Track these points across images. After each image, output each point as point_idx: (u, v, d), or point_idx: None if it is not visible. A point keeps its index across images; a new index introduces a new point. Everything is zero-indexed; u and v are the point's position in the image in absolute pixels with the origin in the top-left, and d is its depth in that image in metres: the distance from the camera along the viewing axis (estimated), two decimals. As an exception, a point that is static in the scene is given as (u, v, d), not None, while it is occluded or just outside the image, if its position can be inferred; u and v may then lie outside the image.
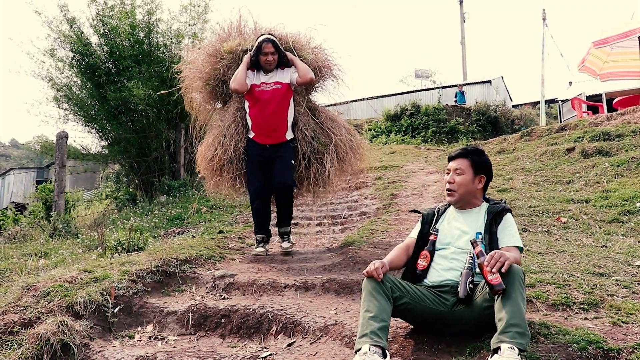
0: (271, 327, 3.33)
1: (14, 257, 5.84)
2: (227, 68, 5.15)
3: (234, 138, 5.04)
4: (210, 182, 5.32)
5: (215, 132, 5.25)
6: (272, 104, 4.89)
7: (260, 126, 4.94)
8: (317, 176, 5.23)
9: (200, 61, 5.38)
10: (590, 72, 14.94)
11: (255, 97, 4.91)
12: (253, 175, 4.99)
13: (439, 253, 2.97)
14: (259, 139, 4.98)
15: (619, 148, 7.86)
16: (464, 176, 3.01)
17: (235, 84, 4.81)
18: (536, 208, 5.84)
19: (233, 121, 5.11)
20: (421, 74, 34.28)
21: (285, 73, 4.98)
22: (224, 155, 5.05)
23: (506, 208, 2.99)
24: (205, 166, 5.24)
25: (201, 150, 5.34)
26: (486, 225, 2.91)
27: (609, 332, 2.66)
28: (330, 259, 4.85)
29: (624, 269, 3.76)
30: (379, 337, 2.46)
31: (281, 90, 4.92)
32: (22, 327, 3.11)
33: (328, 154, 5.18)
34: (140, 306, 3.68)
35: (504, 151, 10.36)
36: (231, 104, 5.28)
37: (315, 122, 5.28)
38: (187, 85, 5.62)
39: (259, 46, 4.86)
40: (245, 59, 4.92)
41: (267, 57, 4.86)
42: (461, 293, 2.69)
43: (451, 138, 19.67)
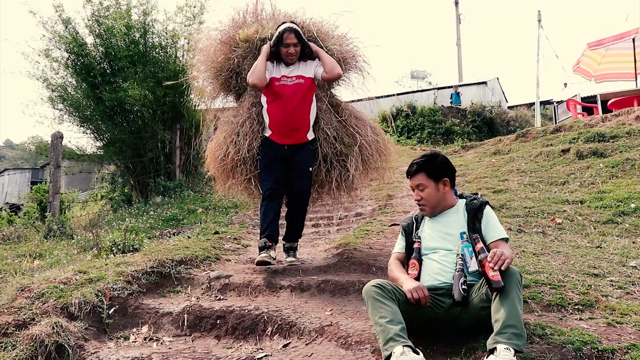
0: (267, 328, 3.33)
1: (8, 258, 5.82)
2: (243, 58, 4.63)
3: (249, 136, 4.54)
4: (222, 183, 4.88)
5: (227, 128, 4.76)
6: (294, 100, 4.37)
7: (279, 125, 4.44)
8: (340, 181, 4.76)
9: (212, 50, 4.85)
10: (584, 74, 15.02)
11: (275, 92, 4.40)
12: (267, 173, 4.50)
13: (428, 257, 2.98)
14: (277, 139, 4.47)
15: (613, 149, 7.88)
16: (427, 190, 3.05)
17: (253, 77, 4.28)
18: (531, 209, 5.86)
19: (248, 118, 4.62)
20: (417, 75, 34.29)
21: (309, 66, 4.47)
22: (237, 155, 4.57)
23: (483, 202, 3.03)
24: (216, 166, 4.80)
25: (211, 148, 4.87)
26: (468, 223, 2.95)
27: (604, 333, 2.67)
28: (326, 259, 4.85)
29: (619, 270, 3.78)
30: (403, 337, 2.45)
31: (304, 86, 4.41)
32: (17, 329, 3.10)
33: (352, 157, 4.69)
34: (135, 307, 3.67)
35: (499, 152, 10.40)
36: (245, 98, 4.78)
37: (338, 120, 4.78)
38: (196, 77, 5.22)
39: (280, 36, 4.32)
40: (265, 49, 4.40)
41: (289, 49, 4.35)
42: (456, 296, 2.70)
43: (447, 139, 19.68)
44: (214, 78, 4.91)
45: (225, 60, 4.70)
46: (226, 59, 4.70)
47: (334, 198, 5.05)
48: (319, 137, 4.65)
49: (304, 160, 4.53)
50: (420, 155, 3.20)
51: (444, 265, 2.89)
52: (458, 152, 12.27)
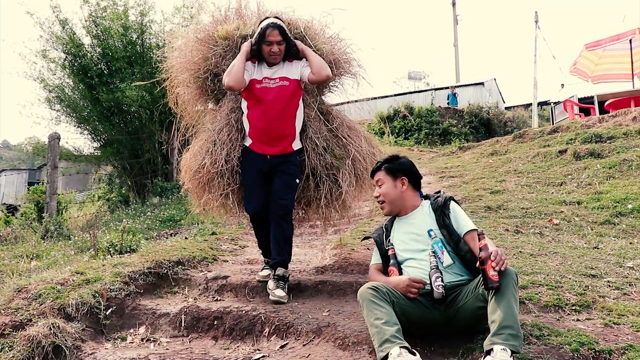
0: (264, 329, 3.32)
1: (5, 258, 5.81)
2: (222, 57, 4.12)
3: (226, 146, 4.01)
4: (196, 198, 4.33)
5: (203, 137, 4.24)
6: (277, 105, 3.87)
7: (261, 132, 3.92)
8: (329, 198, 4.20)
9: (188, 48, 4.30)
10: (581, 75, 15.05)
11: (255, 95, 3.89)
12: (251, 191, 3.99)
13: (406, 263, 2.98)
14: (258, 148, 3.96)
15: (610, 150, 7.90)
16: (384, 185, 3.13)
17: (229, 79, 3.75)
18: (528, 210, 5.86)
19: (226, 124, 4.09)
20: (414, 76, 34.25)
21: (294, 67, 3.97)
22: (214, 166, 4.02)
23: (447, 197, 3.07)
24: (191, 179, 4.22)
25: (187, 159, 4.30)
26: (437, 220, 2.98)
27: (601, 334, 2.67)
28: (323, 260, 4.85)
29: (616, 271, 3.78)
30: (399, 338, 2.46)
31: (289, 89, 3.91)
32: (14, 330, 3.10)
33: (344, 170, 4.16)
34: (132, 308, 3.66)
35: (496, 153, 10.41)
36: (224, 102, 4.25)
37: (328, 129, 4.25)
38: (173, 78, 4.54)
39: (262, 33, 3.81)
40: (245, 47, 3.87)
41: (272, 47, 3.84)
42: (435, 294, 2.72)
43: (444, 140, 19.70)
44: (191, 80, 4.35)
45: (203, 60, 4.20)
46: (204, 59, 4.20)
47: (324, 217, 4.50)
48: (306, 147, 4.13)
49: (291, 169, 3.98)
50: (385, 156, 3.32)
51: (423, 268, 2.88)
52: (455, 153, 12.28)
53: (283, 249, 3.92)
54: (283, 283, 3.83)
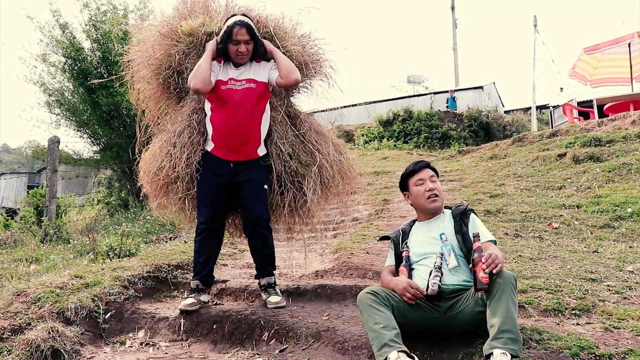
0: (263, 333, 3.32)
1: (4, 262, 5.80)
2: (185, 55, 3.86)
3: (187, 149, 3.77)
4: (154, 202, 4.06)
5: (163, 137, 3.99)
6: (243, 108, 3.65)
7: (224, 137, 3.69)
8: (293, 205, 3.97)
9: (150, 42, 3.99)
10: (580, 79, 15.07)
11: (220, 97, 3.66)
12: (205, 201, 3.74)
13: (420, 263, 2.99)
14: (221, 154, 3.72)
15: (610, 154, 7.90)
16: (438, 183, 3.17)
17: (196, 80, 3.53)
18: (528, 213, 5.86)
19: (187, 126, 3.85)
20: (413, 80, 34.33)
21: (262, 68, 3.76)
22: (172, 170, 3.79)
23: (469, 208, 3.09)
24: (149, 181, 3.98)
25: (145, 160, 4.07)
26: (455, 227, 2.99)
27: (601, 338, 2.67)
28: (323, 264, 4.84)
29: (616, 275, 3.78)
30: (397, 343, 2.47)
31: (255, 91, 3.69)
32: (12, 334, 3.09)
33: (310, 178, 3.93)
34: (131, 312, 3.66)
35: (496, 157, 10.41)
36: (186, 102, 4.01)
37: (295, 134, 4.02)
38: (134, 73, 4.24)
39: (228, 31, 3.59)
40: (210, 46, 3.67)
41: (239, 47, 3.62)
42: (429, 291, 2.75)
43: (443, 144, 19.73)
44: (152, 77, 4.06)
45: (166, 56, 3.91)
46: (166, 55, 3.91)
47: (287, 226, 4.28)
48: (271, 152, 3.90)
49: (257, 176, 3.78)
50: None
51: (431, 267, 2.90)
52: (455, 157, 12.29)
53: (266, 262, 3.82)
54: (273, 289, 3.77)
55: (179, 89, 4.05)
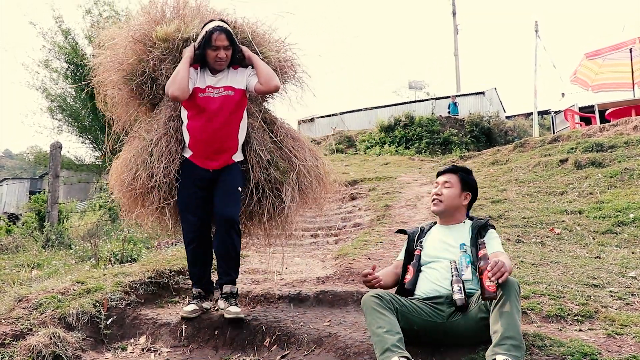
0: (265, 339, 3.32)
1: (6, 268, 5.81)
2: (160, 61, 3.71)
3: (165, 158, 3.65)
4: (129, 213, 3.94)
5: (137, 145, 3.83)
6: (221, 116, 3.58)
7: (202, 144, 3.62)
8: (272, 212, 3.89)
9: (122, 47, 3.83)
10: (582, 84, 15.08)
11: (197, 105, 3.58)
12: (188, 208, 3.65)
13: (428, 266, 3.00)
14: (199, 161, 3.65)
15: (612, 159, 7.90)
16: (451, 189, 3.11)
17: (174, 88, 3.42)
18: (530, 219, 5.86)
19: (164, 134, 3.72)
20: (415, 86, 34.34)
21: (240, 75, 3.68)
22: (149, 180, 3.65)
23: (489, 223, 3.07)
24: (123, 192, 3.82)
25: (116, 168, 3.91)
26: (472, 238, 2.97)
27: (604, 344, 2.66)
28: (324, 270, 4.84)
29: (618, 280, 3.77)
30: (401, 349, 2.46)
31: (233, 99, 3.61)
32: (14, 339, 3.09)
33: (288, 185, 3.87)
34: (133, 318, 3.66)
35: (497, 162, 10.40)
36: (161, 110, 3.88)
37: (272, 140, 3.95)
38: (103, 78, 4.05)
39: (207, 36, 3.50)
40: (188, 53, 3.56)
41: (219, 53, 3.53)
42: (459, 302, 2.70)
43: (445, 149, 19.71)
44: (123, 83, 3.91)
45: (138, 61, 3.77)
46: (139, 61, 3.77)
47: (265, 232, 4.15)
48: (250, 160, 3.83)
49: (231, 178, 3.68)
50: (459, 165, 3.34)
51: (442, 274, 2.90)
52: (456, 163, 12.28)
53: (230, 267, 3.66)
54: (234, 299, 3.61)
55: (153, 95, 3.89)
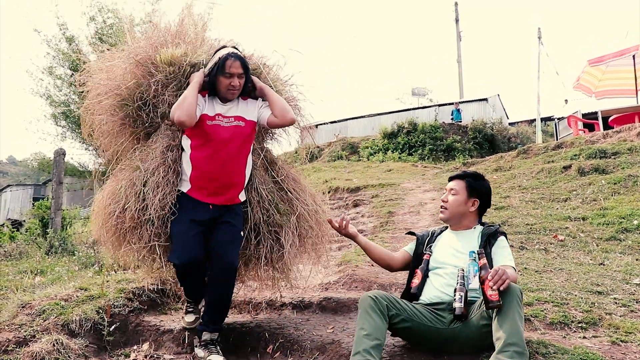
0: (268, 346, 3.31)
1: (9, 274, 5.81)
2: (163, 86, 3.44)
3: (162, 189, 3.32)
4: (112, 249, 3.59)
5: (127, 176, 3.48)
6: (231, 147, 3.32)
7: (206, 177, 3.31)
8: (269, 257, 3.60)
9: (120, 70, 3.58)
10: (585, 90, 15.08)
11: (205, 133, 3.29)
12: (183, 243, 3.23)
13: (435, 272, 2.99)
14: (200, 196, 3.33)
15: (615, 166, 7.89)
16: (457, 197, 3.10)
17: (181, 113, 3.12)
18: (533, 226, 5.85)
19: (162, 164, 3.39)
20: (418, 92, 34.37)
21: (250, 106, 3.45)
22: (142, 213, 3.29)
23: (500, 231, 3.03)
24: (108, 226, 3.45)
25: (101, 201, 3.54)
26: (480, 246, 2.94)
27: (608, 352, 2.65)
28: (327, 277, 4.83)
29: (622, 287, 3.76)
30: (371, 355, 2.48)
31: (245, 130, 3.37)
32: (17, 346, 3.09)
33: (288, 228, 3.61)
34: (136, 324, 3.66)
35: (500, 169, 10.39)
36: (157, 139, 3.54)
37: (274, 180, 3.74)
38: (96, 102, 3.74)
39: (221, 63, 3.27)
40: (197, 78, 3.31)
41: (233, 81, 3.28)
42: (457, 310, 2.69)
43: (448, 156, 19.71)
44: (117, 108, 3.61)
45: (137, 86, 3.49)
46: (137, 85, 3.49)
47: (261, 278, 3.90)
48: (250, 199, 3.57)
49: (237, 221, 3.41)
50: (471, 170, 3.31)
51: (448, 281, 2.89)
52: (459, 169, 12.27)
53: (219, 315, 3.36)
54: (214, 347, 3.28)
55: (150, 123, 3.58)
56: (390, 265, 3.26)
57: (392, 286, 4.18)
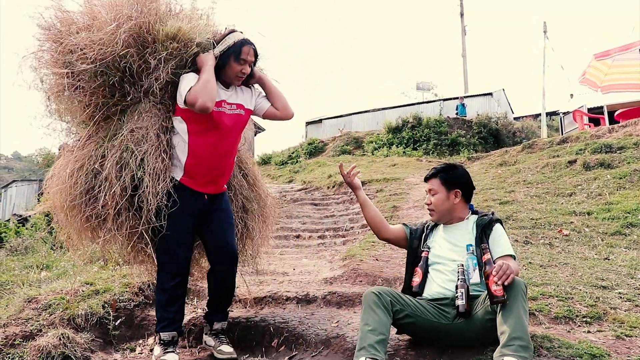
0: (273, 340, 3.32)
1: (15, 269, 5.85)
2: (163, 61, 3.05)
3: (158, 175, 3.04)
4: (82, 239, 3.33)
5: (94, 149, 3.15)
6: (231, 136, 3.21)
7: (204, 166, 3.15)
8: (237, 242, 3.54)
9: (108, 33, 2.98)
10: (591, 85, 15.02)
11: (212, 120, 3.08)
12: (180, 243, 3.12)
13: (434, 268, 2.98)
14: (194, 184, 3.16)
15: (620, 160, 7.86)
16: (437, 196, 3.06)
17: (207, 98, 2.93)
18: (538, 220, 5.84)
19: (157, 147, 3.10)
20: (422, 87, 34.33)
21: (247, 95, 3.33)
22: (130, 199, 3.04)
23: (494, 219, 3.00)
24: (68, 210, 3.15)
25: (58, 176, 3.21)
26: (476, 238, 2.93)
27: (613, 346, 2.65)
28: (332, 271, 4.84)
29: (627, 282, 3.75)
30: (376, 350, 2.47)
31: (243, 119, 3.28)
32: (24, 340, 3.11)
33: (252, 214, 3.67)
34: (141, 319, 3.67)
35: (505, 163, 10.38)
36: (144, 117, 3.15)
37: (238, 167, 3.67)
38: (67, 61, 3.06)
39: (237, 48, 3.11)
40: (211, 61, 3.08)
41: (244, 68, 3.15)
42: (461, 307, 2.68)
43: (452, 150, 19.68)
44: (93, 75, 3.04)
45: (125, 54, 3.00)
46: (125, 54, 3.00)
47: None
48: (233, 186, 3.61)
49: (228, 208, 3.36)
50: (442, 163, 3.24)
51: (449, 276, 2.88)
52: (464, 164, 12.26)
53: (226, 303, 3.38)
54: (225, 337, 3.29)
55: (131, 97, 3.14)
56: (380, 230, 3.24)
57: (397, 280, 4.18)
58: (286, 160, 21.77)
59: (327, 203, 10.16)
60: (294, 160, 21.44)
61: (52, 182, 3.22)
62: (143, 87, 3.10)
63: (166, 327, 3.10)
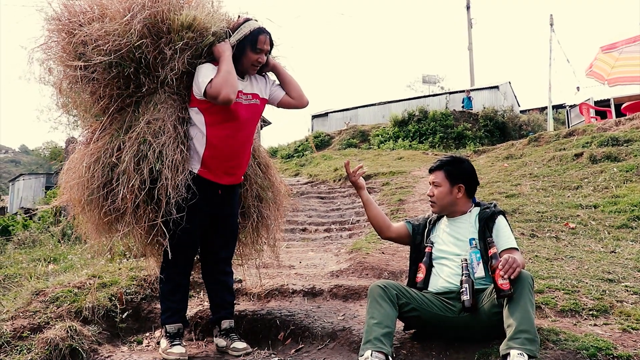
0: (279, 333, 3.33)
1: (23, 262, 5.88)
2: (178, 51, 2.98)
3: (177, 165, 3.00)
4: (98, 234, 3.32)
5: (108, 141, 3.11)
6: (249, 127, 3.20)
7: (222, 157, 3.12)
8: (253, 232, 3.71)
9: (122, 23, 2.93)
10: (597, 78, 14.93)
11: (229, 111, 3.04)
12: (193, 234, 3.15)
13: (439, 262, 2.98)
14: (212, 176, 3.13)
15: (627, 153, 7.83)
16: (440, 188, 3.05)
17: (229, 90, 2.91)
18: (544, 214, 5.82)
19: (175, 139, 3.06)
20: (429, 80, 34.29)
21: (261, 84, 3.29)
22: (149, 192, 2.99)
23: (496, 211, 2.99)
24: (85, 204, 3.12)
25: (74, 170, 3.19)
26: (479, 232, 2.92)
27: (619, 339, 2.64)
28: (338, 264, 4.85)
29: (634, 275, 3.74)
30: (382, 342, 2.47)
31: (259, 108, 3.27)
32: (32, 332, 3.13)
33: (267, 203, 3.67)
34: (148, 311, 3.69)
35: (511, 157, 10.35)
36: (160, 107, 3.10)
37: (252, 154, 3.56)
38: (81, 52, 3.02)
39: (254, 37, 3.07)
40: (228, 51, 3.04)
41: (260, 57, 3.11)
42: (467, 303, 2.68)
43: (459, 144, 19.63)
44: (107, 66, 2.98)
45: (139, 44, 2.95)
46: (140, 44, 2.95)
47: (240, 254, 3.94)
48: (248, 175, 3.55)
49: (237, 211, 3.41)
50: (448, 156, 3.22)
51: (454, 270, 2.88)
52: (470, 157, 12.23)
53: (228, 300, 3.37)
54: (235, 334, 3.26)
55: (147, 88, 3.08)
56: (383, 229, 3.25)
57: (403, 273, 4.19)
58: (292, 154, 21.77)
59: (333, 196, 10.16)
60: (300, 153, 21.44)
61: (68, 175, 3.20)
62: (159, 78, 3.05)
63: (171, 317, 3.15)
